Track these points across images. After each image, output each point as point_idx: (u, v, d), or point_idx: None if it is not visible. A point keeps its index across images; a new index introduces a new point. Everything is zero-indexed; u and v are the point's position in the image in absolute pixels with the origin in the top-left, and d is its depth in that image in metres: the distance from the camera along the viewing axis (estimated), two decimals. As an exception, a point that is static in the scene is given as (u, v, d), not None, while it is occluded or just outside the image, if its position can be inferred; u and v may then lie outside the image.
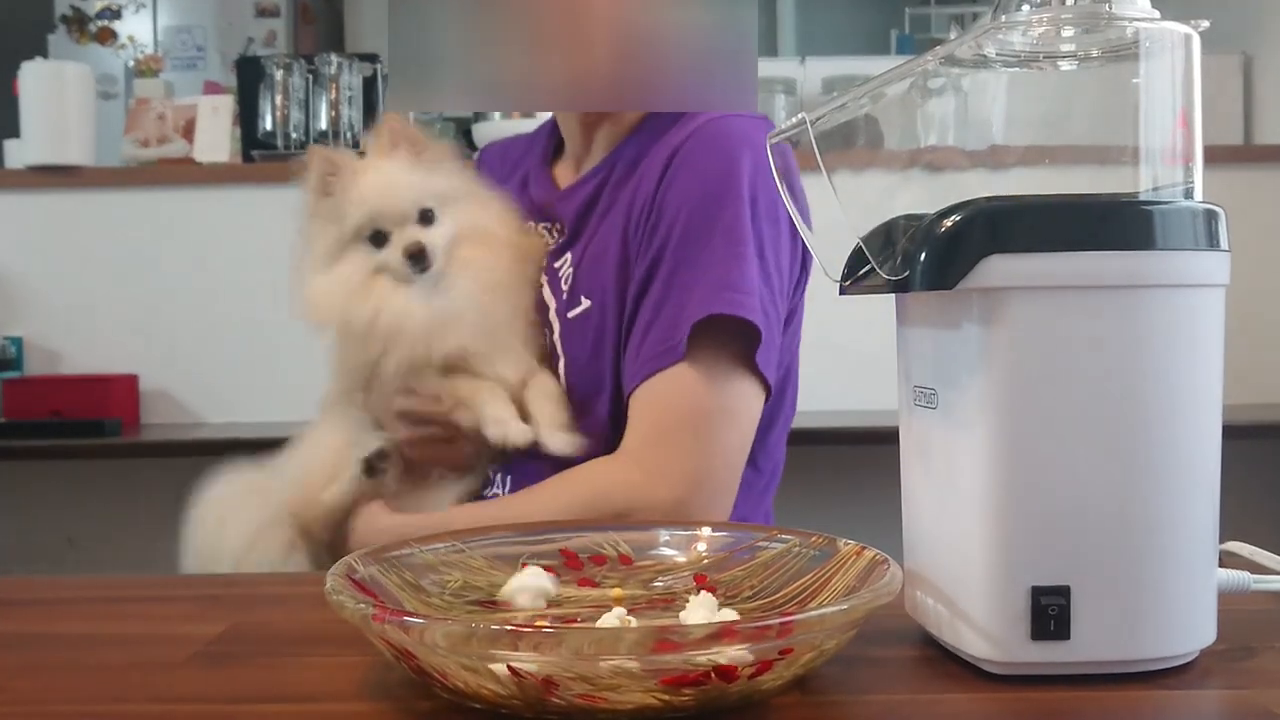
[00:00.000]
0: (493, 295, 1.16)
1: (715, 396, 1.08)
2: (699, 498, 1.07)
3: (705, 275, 1.08)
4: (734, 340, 1.07)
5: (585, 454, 1.11)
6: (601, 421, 1.13)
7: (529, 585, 0.70)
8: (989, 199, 0.61)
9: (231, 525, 1.20)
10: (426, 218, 1.15)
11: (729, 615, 0.65)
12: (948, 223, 0.60)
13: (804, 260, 1.16)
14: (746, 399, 1.10)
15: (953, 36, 2.13)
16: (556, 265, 1.18)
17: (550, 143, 1.29)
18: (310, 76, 2.84)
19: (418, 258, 1.13)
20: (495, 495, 1.17)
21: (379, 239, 1.14)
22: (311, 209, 1.17)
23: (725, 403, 1.08)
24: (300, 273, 1.17)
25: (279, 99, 2.83)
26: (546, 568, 0.73)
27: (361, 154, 1.18)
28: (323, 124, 2.82)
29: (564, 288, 1.16)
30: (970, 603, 0.61)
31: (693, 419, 1.08)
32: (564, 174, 1.25)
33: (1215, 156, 0.88)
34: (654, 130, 1.16)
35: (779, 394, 1.18)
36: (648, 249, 1.11)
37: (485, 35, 1.05)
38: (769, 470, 1.22)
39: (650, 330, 1.09)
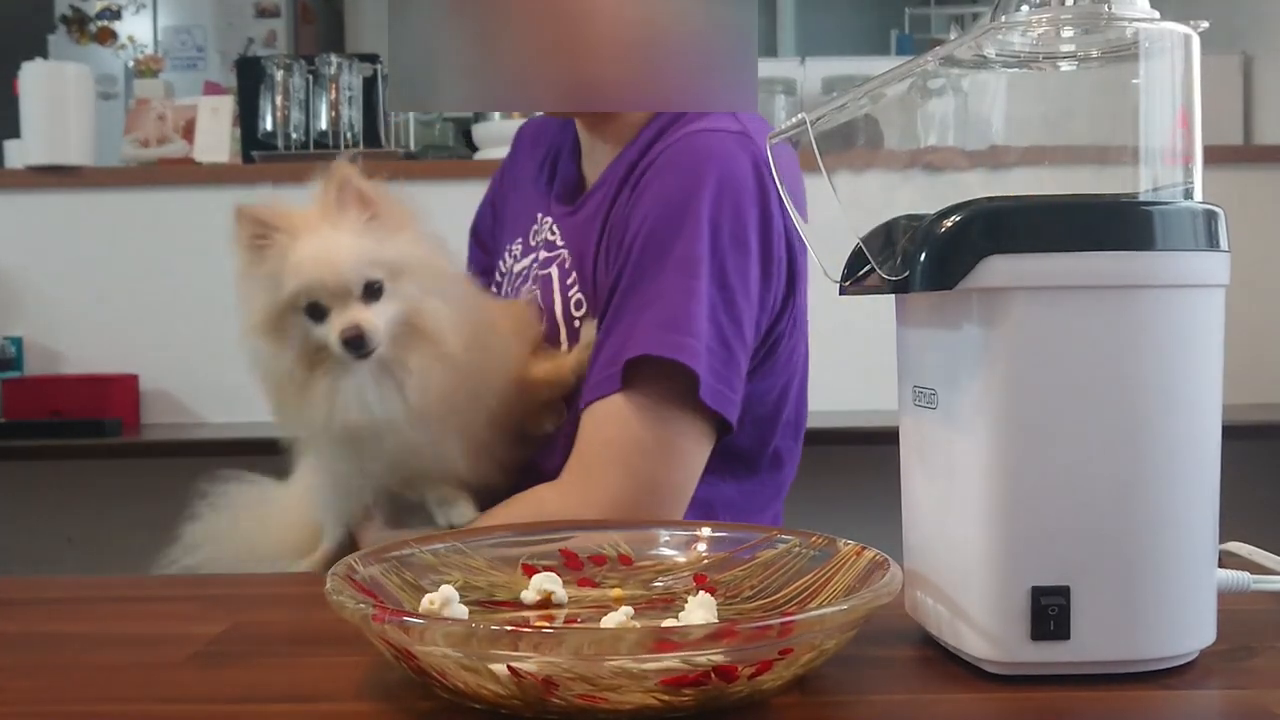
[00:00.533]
0: (428, 416, 1.04)
1: (649, 431, 1.05)
2: None
3: (650, 308, 1.05)
4: (674, 377, 1.04)
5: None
6: None
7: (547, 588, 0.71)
8: (989, 199, 0.61)
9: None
10: (372, 291, 1.00)
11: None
12: (948, 223, 0.60)
13: (792, 283, 1.12)
14: (687, 435, 1.06)
15: (953, 37, 2.13)
16: (569, 283, 1.16)
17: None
18: (310, 77, 2.84)
19: (355, 344, 0.98)
20: None
21: (317, 312, 1.00)
22: (243, 270, 1.06)
23: (659, 438, 1.05)
24: (243, 335, 1.06)
25: (279, 99, 2.83)
26: (547, 568, 0.73)
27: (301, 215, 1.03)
28: (323, 124, 2.82)
29: (574, 313, 1.15)
30: (970, 603, 0.61)
31: (623, 452, 1.05)
32: (588, 160, 1.24)
33: (1215, 156, 0.88)
34: (643, 145, 1.14)
35: (771, 416, 1.15)
36: (612, 269, 1.10)
37: (485, 35, 1.05)
38: (770, 488, 1.19)
39: (600, 354, 1.08)
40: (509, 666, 0.52)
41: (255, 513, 1.22)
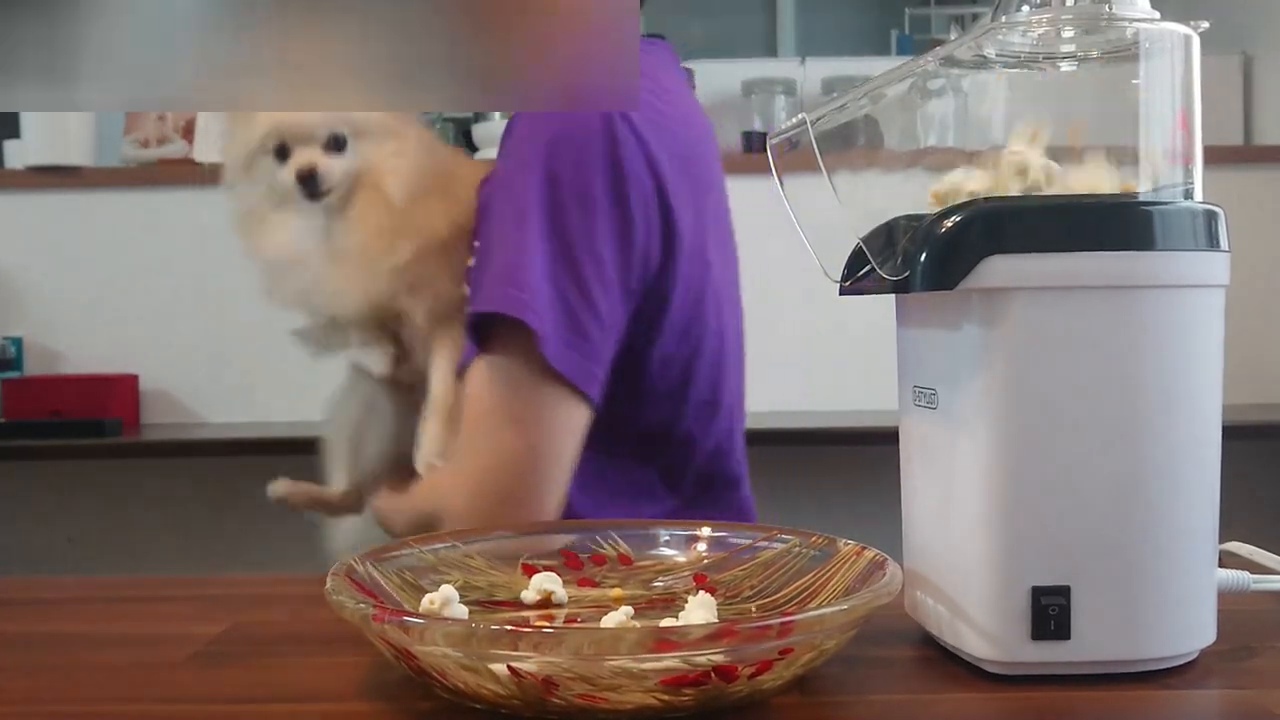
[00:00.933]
0: (365, 267, 1.09)
1: (497, 397, 1.01)
2: (480, 504, 1.01)
3: (491, 267, 1.01)
4: (518, 336, 0.99)
5: None
6: None
7: (547, 588, 0.71)
8: (989, 199, 0.61)
9: None
10: (336, 143, 1.10)
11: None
12: (948, 223, 0.60)
13: (669, 242, 1.05)
14: (540, 400, 1.00)
15: (953, 37, 2.12)
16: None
17: None
18: (310, 76, 2.84)
19: (308, 181, 1.08)
20: None
21: (284, 154, 1.11)
22: (233, 116, 1.17)
23: (507, 403, 1.01)
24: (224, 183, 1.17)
25: (279, 99, 2.82)
26: (547, 568, 0.73)
27: None
28: (323, 124, 2.81)
29: None
30: (970, 603, 0.61)
31: (481, 419, 1.02)
32: None
33: (1215, 156, 0.88)
34: None
35: (676, 391, 1.10)
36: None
37: (463, 35, 1.01)
38: (692, 474, 1.14)
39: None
40: (509, 666, 0.52)
41: None
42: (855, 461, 2.14)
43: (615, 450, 1.08)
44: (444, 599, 0.63)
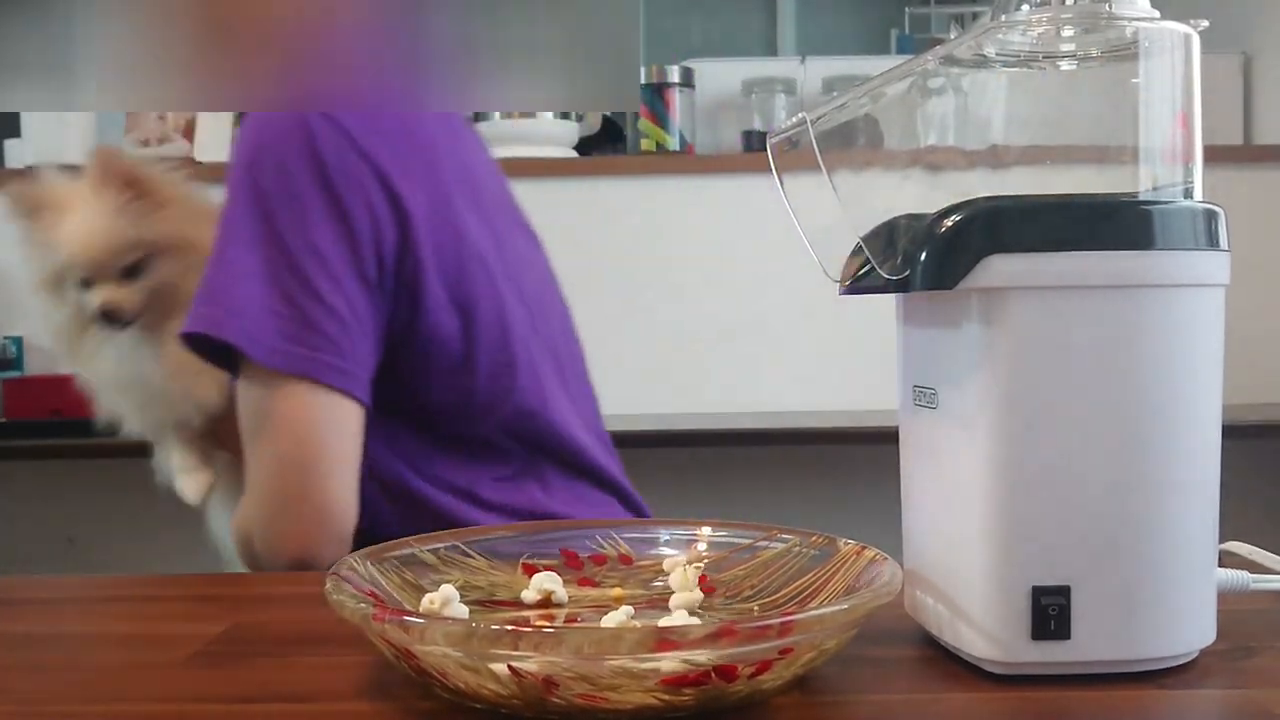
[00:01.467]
0: (180, 374, 1.12)
1: (250, 409, 1.03)
2: (267, 510, 1.03)
3: (199, 287, 1.02)
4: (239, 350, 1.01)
5: None
6: None
7: (547, 588, 0.71)
8: (989, 199, 0.61)
9: None
10: (131, 269, 1.14)
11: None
12: (948, 223, 0.60)
13: (404, 225, 1.04)
14: (284, 402, 1.01)
15: (953, 36, 2.13)
16: None
17: None
18: (310, 76, 2.83)
19: (109, 318, 1.14)
20: None
21: (86, 282, 1.16)
22: (24, 235, 1.19)
23: (258, 414, 1.02)
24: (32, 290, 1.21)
25: (279, 99, 2.82)
26: (547, 567, 0.73)
27: (78, 174, 1.17)
28: (323, 124, 2.81)
29: None
30: (970, 603, 0.61)
31: (244, 437, 1.04)
32: None
33: (1215, 156, 0.88)
34: None
35: (460, 367, 1.09)
36: None
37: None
38: (498, 438, 1.13)
39: None
40: (509, 666, 0.52)
41: None
42: (855, 461, 2.14)
43: (429, 425, 1.10)
44: (444, 599, 0.63)
